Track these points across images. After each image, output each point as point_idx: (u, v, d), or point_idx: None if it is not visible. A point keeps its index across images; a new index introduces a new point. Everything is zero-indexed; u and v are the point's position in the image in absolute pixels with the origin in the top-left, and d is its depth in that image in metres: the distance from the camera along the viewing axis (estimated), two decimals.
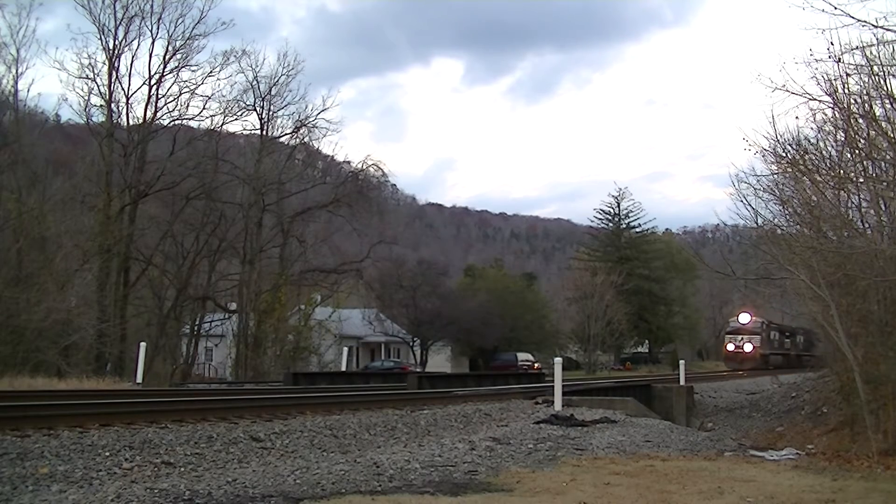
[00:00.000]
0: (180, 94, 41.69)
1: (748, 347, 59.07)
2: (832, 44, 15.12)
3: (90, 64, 39.11)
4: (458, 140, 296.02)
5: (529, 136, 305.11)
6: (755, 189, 22.00)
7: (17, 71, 36.70)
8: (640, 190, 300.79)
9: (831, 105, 17.71)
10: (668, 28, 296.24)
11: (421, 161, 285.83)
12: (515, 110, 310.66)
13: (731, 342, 60.64)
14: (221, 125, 45.11)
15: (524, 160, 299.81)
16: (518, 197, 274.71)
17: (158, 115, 41.51)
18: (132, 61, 40.37)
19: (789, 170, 20.37)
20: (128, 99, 40.38)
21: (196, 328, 48.29)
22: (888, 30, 14.36)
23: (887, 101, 16.43)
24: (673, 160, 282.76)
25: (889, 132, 16.27)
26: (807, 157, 20.06)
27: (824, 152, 20.37)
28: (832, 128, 19.29)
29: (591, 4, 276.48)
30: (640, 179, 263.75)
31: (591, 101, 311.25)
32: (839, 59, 15.44)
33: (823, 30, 14.77)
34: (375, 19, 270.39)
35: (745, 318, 59.43)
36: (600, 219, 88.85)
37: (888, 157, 16.78)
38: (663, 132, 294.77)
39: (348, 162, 53.95)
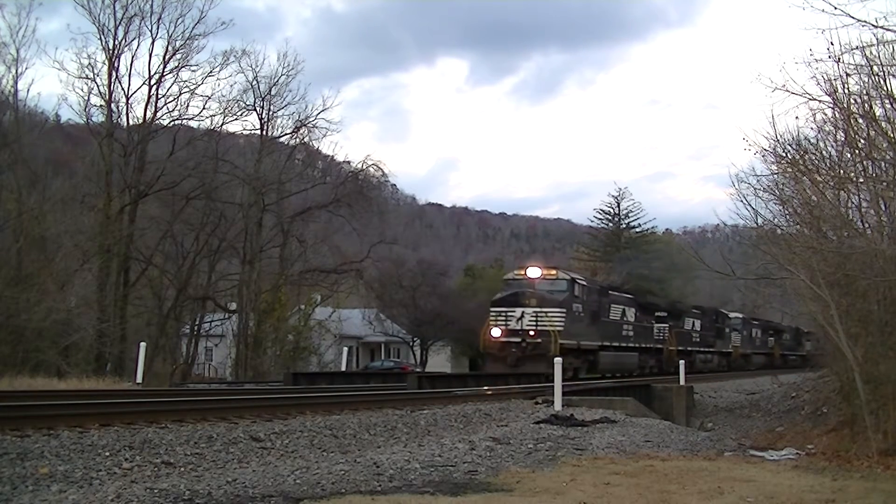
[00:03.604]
0: (180, 94, 41.73)
1: (532, 332, 30.92)
2: (832, 44, 15.14)
3: (90, 64, 39.14)
4: (461, 140, 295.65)
5: (533, 136, 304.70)
6: (755, 189, 21.97)
7: (16, 71, 36.71)
8: (643, 190, 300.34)
9: (831, 105, 17.72)
10: (672, 28, 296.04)
11: (424, 161, 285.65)
12: (519, 110, 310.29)
13: (497, 322, 31.63)
14: (221, 125, 45.17)
15: (527, 160, 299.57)
16: (520, 197, 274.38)
17: (158, 115, 41.56)
18: (132, 61, 40.41)
19: (789, 170, 20.35)
20: (128, 99, 40.43)
21: (196, 328, 48.31)
22: (888, 30, 14.38)
23: (887, 101, 16.44)
24: (675, 160, 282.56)
25: (889, 132, 16.27)
26: (807, 157, 20.06)
27: (824, 152, 20.38)
28: (832, 128, 19.30)
29: (597, 4, 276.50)
30: (643, 180, 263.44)
31: (595, 101, 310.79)
32: (839, 59, 15.46)
33: (823, 30, 14.80)
34: (381, 19, 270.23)
35: (534, 272, 33.06)
36: (600, 219, 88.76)
37: (888, 157, 16.78)
38: (666, 132, 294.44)
39: (348, 162, 54.00)
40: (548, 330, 30.34)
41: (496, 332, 31.45)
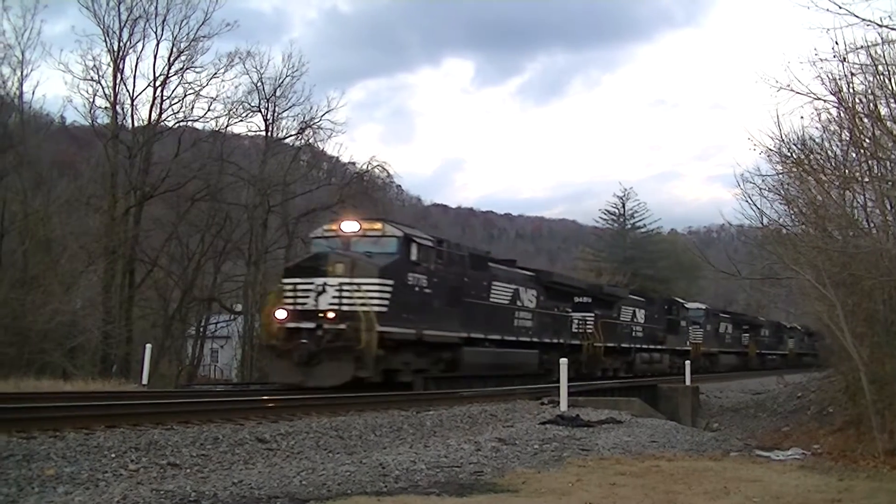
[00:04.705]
0: (185, 95, 41.59)
1: (332, 314, 19.81)
2: (837, 43, 15.20)
3: (95, 66, 39.05)
4: (466, 141, 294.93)
5: (538, 136, 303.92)
6: (760, 189, 22.04)
7: (22, 73, 36.70)
8: (648, 191, 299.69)
9: (836, 104, 17.76)
10: (678, 28, 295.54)
11: (429, 162, 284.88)
12: (525, 111, 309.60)
13: (286, 301, 20.64)
14: (226, 127, 45.08)
15: (533, 161, 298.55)
16: (526, 197, 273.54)
17: (163, 116, 41.42)
18: (137, 63, 40.31)
19: (794, 169, 20.38)
20: (132, 101, 40.35)
21: (201, 329, 48.36)
22: (893, 29, 14.39)
23: (892, 101, 16.45)
24: (681, 161, 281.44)
25: (894, 131, 16.27)
26: (812, 156, 20.09)
27: (829, 152, 20.42)
28: (837, 127, 19.35)
29: (603, 4, 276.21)
30: (649, 180, 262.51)
31: (601, 101, 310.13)
32: (844, 58, 15.52)
33: (828, 29, 14.88)
34: (387, 20, 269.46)
35: (349, 226, 22.19)
36: (605, 219, 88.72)
37: (893, 156, 16.79)
38: (672, 133, 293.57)
39: (353, 163, 53.80)
40: (357, 311, 19.60)
41: (281, 313, 20.65)
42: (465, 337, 23.88)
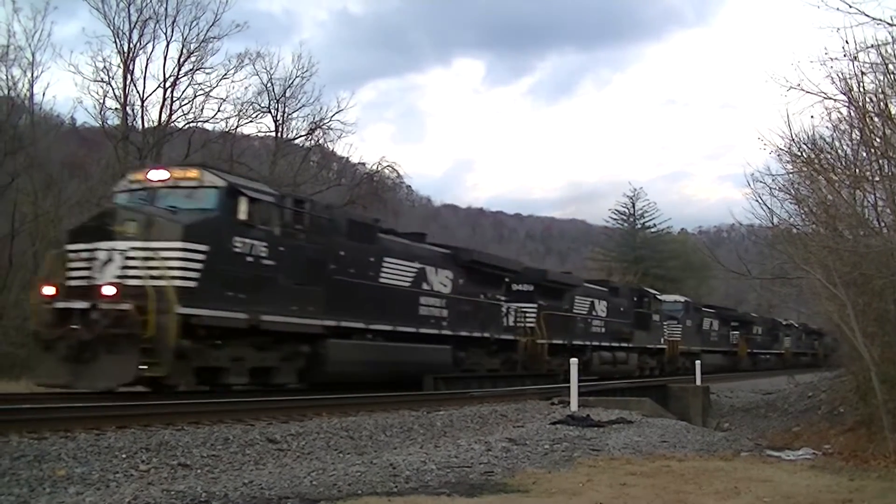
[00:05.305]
0: (195, 96, 41.65)
1: (110, 290, 14.67)
2: (847, 42, 15.16)
3: (105, 67, 39.11)
4: (477, 141, 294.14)
5: (549, 136, 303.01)
6: (771, 188, 22.01)
7: (32, 75, 36.88)
8: (659, 190, 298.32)
9: (846, 104, 17.70)
10: (688, 28, 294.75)
11: (440, 162, 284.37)
12: (535, 111, 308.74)
13: (58, 276, 15.82)
14: (236, 128, 45.07)
15: (543, 161, 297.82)
16: (536, 198, 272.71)
17: (173, 117, 41.50)
18: (147, 64, 40.33)
19: (804, 169, 20.34)
20: (143, 102, 40.40)
21: None
22: None
23: None
24: (691, 160, 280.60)
25: None
26: (822, 155, 20.05)
27: (839, 151, 20.37)
28: (847, 126, 19.29)
29: (613, 4, 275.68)
30: (659, 180, 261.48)
31: (611, 101, 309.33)
32: (854, 57, 15.48)
33: (838, 28, 14.85)
34: (397, 21, 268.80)
35: (157, 174, 16.89)
36: (615, 219, 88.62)
37: None
38: (682, 132, 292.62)
39: (363, 163, 53.77)
40: (143, 286, 14.80)
41: (49, 289, 15.89)
42: (333, 326, 18.72)
